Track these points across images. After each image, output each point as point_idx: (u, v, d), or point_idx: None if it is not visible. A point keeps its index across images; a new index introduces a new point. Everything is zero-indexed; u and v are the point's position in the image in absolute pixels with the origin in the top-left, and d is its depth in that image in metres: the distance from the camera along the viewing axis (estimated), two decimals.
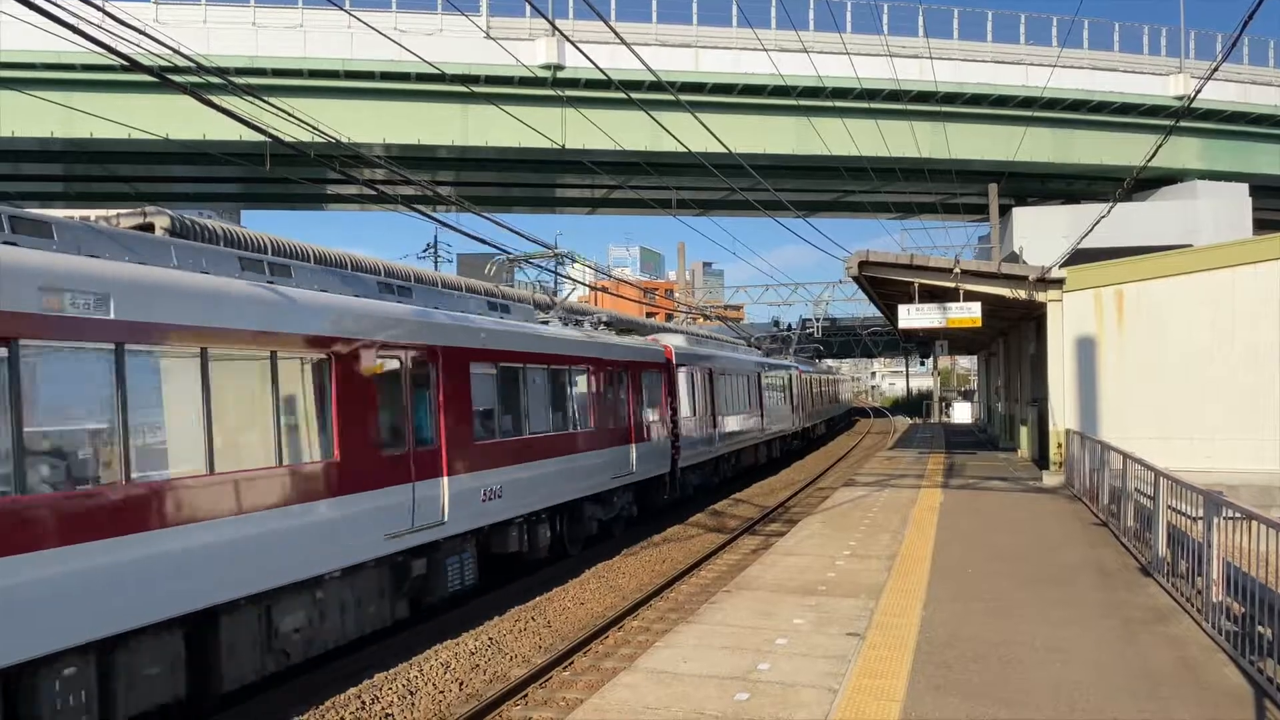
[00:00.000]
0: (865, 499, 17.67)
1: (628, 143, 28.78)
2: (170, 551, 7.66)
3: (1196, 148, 37.70)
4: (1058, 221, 35.40)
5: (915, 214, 46.26)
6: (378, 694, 9.85)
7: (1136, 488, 12.16)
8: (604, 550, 17.67)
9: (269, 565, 8.85)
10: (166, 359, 8.11)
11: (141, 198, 36.44)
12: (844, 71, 31.33)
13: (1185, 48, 37.26)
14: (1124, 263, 20.32)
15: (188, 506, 7.91)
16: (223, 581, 8.27)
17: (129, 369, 7.52)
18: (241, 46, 30.12)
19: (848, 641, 8.10)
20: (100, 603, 7.05)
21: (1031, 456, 25.77)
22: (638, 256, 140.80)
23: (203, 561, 8.00)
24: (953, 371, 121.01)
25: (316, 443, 9.82)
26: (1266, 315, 18.69)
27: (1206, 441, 18.64)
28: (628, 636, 12.30)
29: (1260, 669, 6.99)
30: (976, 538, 13.24)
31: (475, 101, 30.77)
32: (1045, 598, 9.60)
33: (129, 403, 7.48)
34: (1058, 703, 6.54)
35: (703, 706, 6.56)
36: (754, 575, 11.00)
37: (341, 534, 9.88)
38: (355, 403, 10.29)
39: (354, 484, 10.08)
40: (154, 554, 7.51)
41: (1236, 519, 7.95)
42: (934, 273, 21.22)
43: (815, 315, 74.19)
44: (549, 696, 9.97)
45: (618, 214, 56.52)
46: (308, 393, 9.87)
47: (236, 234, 13.54)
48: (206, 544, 8.05)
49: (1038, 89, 34.26)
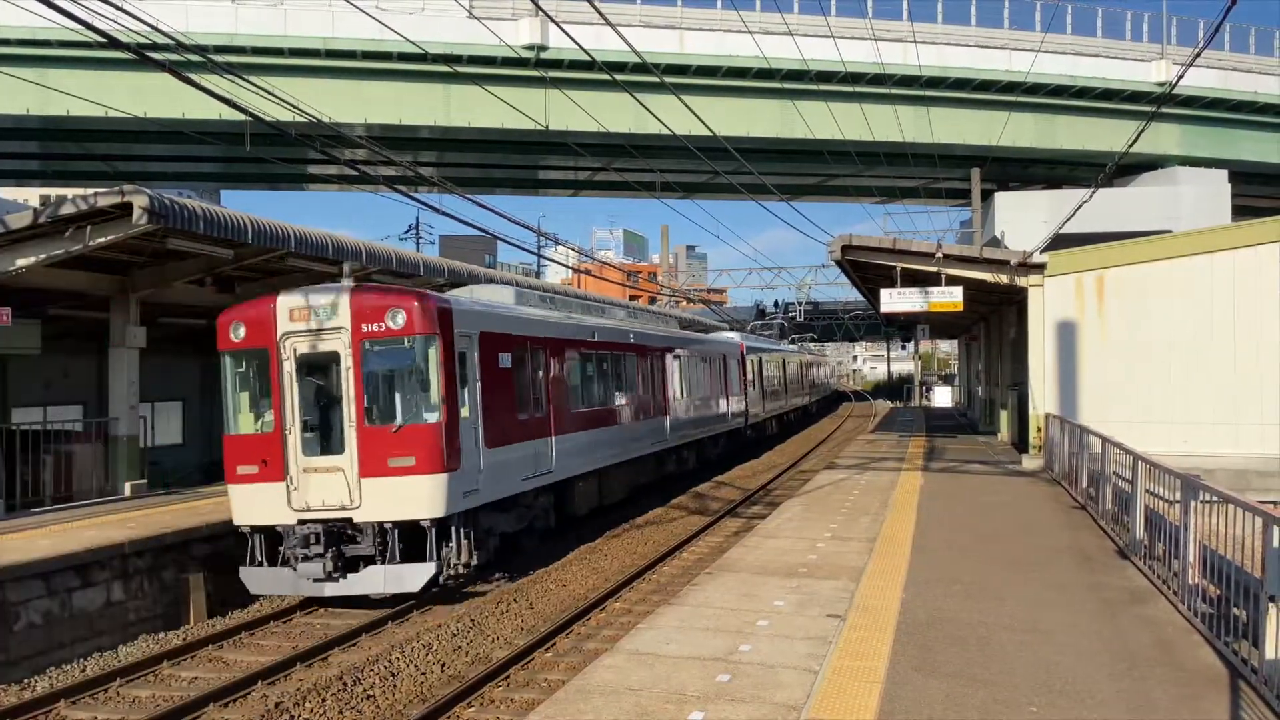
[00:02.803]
0: (846, 482, 17.75)
1: (612, 124, 28.65)
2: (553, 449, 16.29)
3: (1177, 134, 37.88)
4: (1039, 206, 35.49)
5: (898, 198, 46.33)
6: (360, 675, 9.85)
7: (1115, 471, 12.27)
8: (587, 532, 17.72)
9: (609, 454, 19.25)
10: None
11: (120, 176, 36.04)
12: (828, 55, 31.24)
13: (1167, 34, 37.40)
14: (1105, 248, 20.43)
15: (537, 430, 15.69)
16: (564, 466, 16.73)
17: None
18: (221, 24, 29.74)
19: (829, 623, 8.14)
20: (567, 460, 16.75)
21: (1011, 440, 25.94)
22: (621, 239, 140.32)
23: (568, 454, 16.83)
24: (934, 355, 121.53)
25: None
26: (1245, 300, 18.86)
27: (1185, 426, 18.82)
28: (610, 618, 12.34)
29: (1235, 650, 7.08)
30: (957, 521, 13.33)
31: (458, 82, 30.52)
32: (1025, 580, 9.68)
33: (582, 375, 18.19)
34: (1036, 683, 6.61)
35: (684, 687, 6.58)
36: (736, 557, 11.04)
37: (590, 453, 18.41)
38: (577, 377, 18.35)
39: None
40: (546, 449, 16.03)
41: (1213, 502, 8.03)
42: (916, 257, 21.28)
43: (798, 299, 74.34)
44: (531, 678, 9.99)
45: (601, 196, 56.42)
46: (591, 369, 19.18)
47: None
48: (578, 445, 17.49)
49: (1021, 74, 34.31)
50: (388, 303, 12.38)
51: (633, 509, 20.16)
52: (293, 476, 12.26)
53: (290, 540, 12.16)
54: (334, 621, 12.40)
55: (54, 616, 10.79)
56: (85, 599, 11.20)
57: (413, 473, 12.07)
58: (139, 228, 13.41)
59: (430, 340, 12.41)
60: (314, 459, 12.30)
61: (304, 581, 12.03)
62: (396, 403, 12.70)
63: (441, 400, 12.41)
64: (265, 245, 15.65)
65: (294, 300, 12.51)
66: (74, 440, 16.89)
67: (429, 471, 12.11)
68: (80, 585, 11.15)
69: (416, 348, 12.45)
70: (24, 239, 13.90)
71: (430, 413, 12.45)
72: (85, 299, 17.29)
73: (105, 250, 14.66)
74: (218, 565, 13.18)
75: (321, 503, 12.13)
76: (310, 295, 12.54)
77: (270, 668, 10.14)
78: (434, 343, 12.42)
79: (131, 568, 11.85)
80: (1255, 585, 6.78)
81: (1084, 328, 19.72)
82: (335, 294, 12.46)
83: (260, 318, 12.63)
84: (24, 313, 17.08)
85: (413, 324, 12.28)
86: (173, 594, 12.39)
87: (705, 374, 27.57)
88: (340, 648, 11.14)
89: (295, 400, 12.42)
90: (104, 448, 16.79)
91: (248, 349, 12.80)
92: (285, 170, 38.94)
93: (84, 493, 16.30)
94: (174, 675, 10.33)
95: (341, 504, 12.11)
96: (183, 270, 16.76)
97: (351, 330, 12.26)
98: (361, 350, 12.30)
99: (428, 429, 12.32)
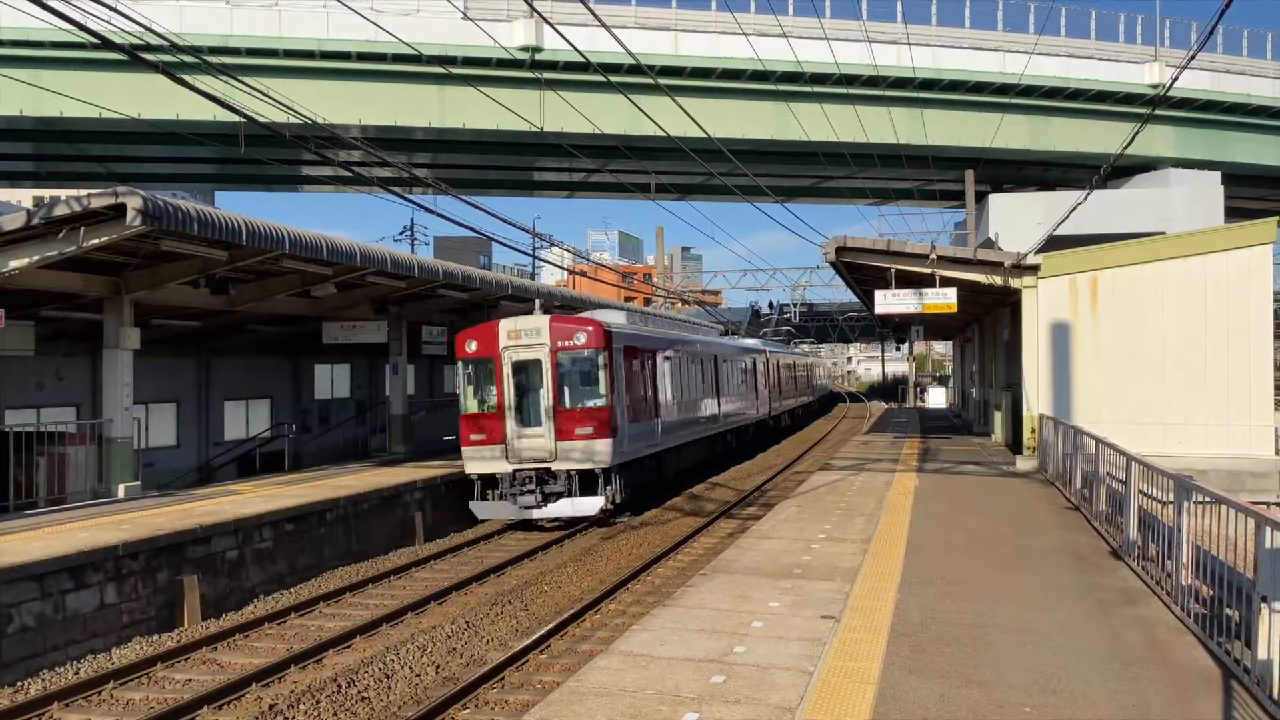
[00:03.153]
0: (841, 483, 17.77)
1: (606, 126, 28.65)
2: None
3: (1171, 136, 37.99)
4: (1033, 208, 35.57)
5: (892, 200, 46.38)
6: (354, 677, 9.85)
7: (1109, 472, 12.29)
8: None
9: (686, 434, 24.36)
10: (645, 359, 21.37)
11: (113, 178, 36.00)
12: (823, 57, 31.30)
13: (1160, 36, 37.50)
14: (1099, 249, 20.48)
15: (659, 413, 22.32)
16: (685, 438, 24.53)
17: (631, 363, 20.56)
18: (215, 25, 29.71)
19: (823, 624, 8.15)
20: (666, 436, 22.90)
21: (1005, 441, 25.99)
22: (616, 241, 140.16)
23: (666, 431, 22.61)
24: (928, 357, 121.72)
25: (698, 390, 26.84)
26: (1237, 302, 18.92)
27: (1178, 427, 18.87)
28: (605, 620, 12.34)
29: (1228, 651, 7.10)
30: (951, 521, 13.35)
31: (452, 83, 30.54)
32: (1019, 580, 9.70)
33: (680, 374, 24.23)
34: (1030, 683, 6.62)
35: (679, 689, 6.59)
36: (731, 559, 11.05)
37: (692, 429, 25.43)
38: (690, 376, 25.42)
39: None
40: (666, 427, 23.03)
41: (1206, 503, 8.05)
42: (910, 259, 21.31)
43: (793, 300, 74.36)
44: (525, 679, 9.99)
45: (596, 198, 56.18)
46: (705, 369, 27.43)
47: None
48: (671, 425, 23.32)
49: (1014, 75, 34.39)
50: (574, 327, 18.95)
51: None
52: (509, 441, 18.67)
53: (508, 483, 18.65)
54: (328, 624, 12.39)
55: (47, 619, 10.76)
56: (79, 601, 11.17)
57: (590, 438, 18.47)
58: (133, 229, 13.37)
59: (600, 351, 18.83)
60: (524, 429, 18.72)
61: (519, 510, 18.53)
62: (579, 392, 18.91)
63: (608, 390, 18.81)
64: (260, 246, 15.62)
65: (510, 325, 19.08)
66: (67, 442, 16.84)
67: (600, 437, 18.49)
68: (74, 587, 11.12)
69: (592, 356, 18.84)
70: (17, 240, 13.86)
71: (600, 399, 18.73)
72: (79, 300, 17.25)
73: (99, 251, 14.62)
74: (212, 567, 13.17)
75: (530, 458, 18.53)
76: (520, 322, 19.18)
77: (264, 670, 10.12)
78: (602, 353, 18.84)
79: (125, 570, 11.82)
80: (1248, 586, 6.80)
81: (1078, 329, 19.77)
82: (538, 321, 19.07)
83: (487, 336, 19.09)
84: (17, 314, 17.06)
85: (590, 341, 18.76)
86: (167, 596, 12.36)
87: (742, 375, 33.92)
88: (335, 649, 11.13)
89: (511, 391, 18.79)
90: (98, 449, 16.74)
91: (479, 358, 19.12)
92: (280, 171, 38.88)
93: (77, 494, 16.26)
94: (168, 677, 10.31)
95: (543, 458, 18.52)
96: (177, 272, 16.72)
97: (550, 345, 18.68)
98: (556, 358, 18.72)
99: (599, 409, 18.65)
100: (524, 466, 18.52)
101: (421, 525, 18.37)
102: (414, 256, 21.36)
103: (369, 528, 16.99)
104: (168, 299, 17.93)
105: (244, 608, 13.26)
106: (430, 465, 21.24)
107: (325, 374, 32.17)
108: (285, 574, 14.67)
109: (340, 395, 33.00)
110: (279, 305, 20.86)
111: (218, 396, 26.87)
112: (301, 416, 30.47)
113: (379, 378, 32.79)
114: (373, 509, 17.17)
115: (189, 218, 13.97)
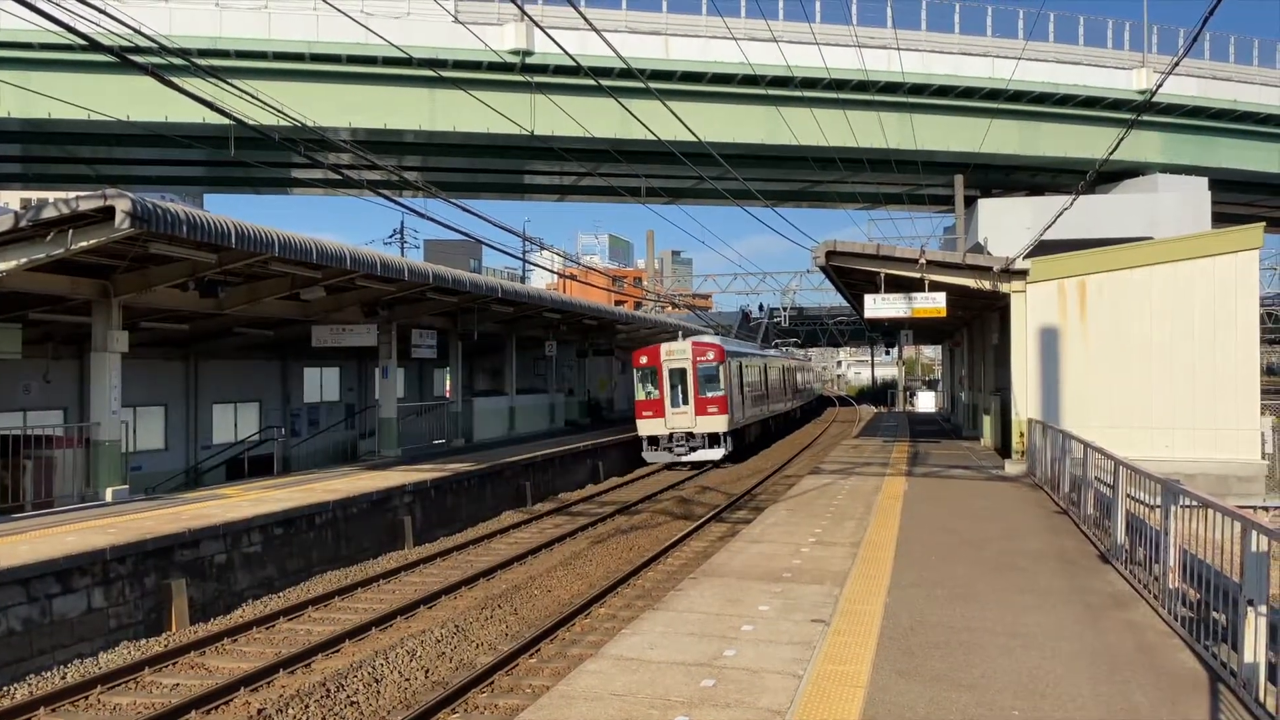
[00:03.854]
0: (831, 486, 17.81)
1: (597, 130, 28.66)
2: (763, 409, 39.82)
3: (1158, 141, 38.17)
4: (1022, 213, 35.68)
5: (882, 204, 46.50)
6: (343, 682, 9.82)
7: (1097, 476, 12.34)
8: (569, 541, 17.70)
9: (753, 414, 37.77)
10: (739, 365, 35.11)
11: (102, 180, 35.82)
12: (813, 61, 31.38)
13: (1148, 42, 37.66)
14: (1087, 254, 20.58)
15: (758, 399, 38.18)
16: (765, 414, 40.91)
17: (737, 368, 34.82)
18: (205, 27, 29.59)
19: (813, 628, 8.16)
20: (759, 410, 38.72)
21: (994, 445, 26.08)
22: (606, 244, 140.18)
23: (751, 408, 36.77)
24: (917, 361, 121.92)
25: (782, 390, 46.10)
26: (1224, 307, 19.03)
27: (1166, 431, 18.97)
28: (595, 624, 12.34)
29: (1215, 654, 7.14)
30: (940, 525, 13.39)
31: (443, 86, 30.48)
32: (1007, 584, 9.74)
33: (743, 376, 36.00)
34: (1018, 686, 6.64)
35: (669, 693, 6.59)
36: (721, 562, 11.05)
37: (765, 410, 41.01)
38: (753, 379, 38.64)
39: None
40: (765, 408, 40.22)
41: (1193, 507, 8.09)
42: (900, 263, 21.38)
43: (783, 304, 74.47)
44: (515, 683, 9.98)
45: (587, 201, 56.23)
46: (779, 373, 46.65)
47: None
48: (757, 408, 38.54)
49: (1003, 81, 34.50)
50: (707, 348, 31.71)
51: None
52: (667, 416, 31.06)
53: (666, 440, 31.16)
54: (316, 628, 12.35)
55: (34, 623, 10.70)
56: (66, 605, 11.11)
57: (716, 415, 31.01)
58: (121, 232, 13.32)
59: (722, 363, 31.31)
60: (675, 408, 31.02)
61: (674, 455, 30.96)
62: (709, 387, 31.11)
63: (726, 386, 31.32)
64: (249, 249, 15.57)
65: (667, 347, 31.54)
66: (55, 445, 16.76)
67: (721, 414, 31.04)
68: (61, 591, 11.06)
69: (717, 365, 31.28)
70: (5, 242, 13.79)
71: (721, 391, 31.11)
72: (66, 303, 17.17)
73: (87, 254, 14.56)
74: (200, 571, 13.12)
75: (679, 426, 30.93)
76: (673, 345, 31.64)
77: (253, 674, 10.08)
78: (723, 364, 31.32)
79: (113, 573, 11.76)
80: (1234, 589, 6.84)
81: (1066, 333, 19.86)
82: (685, 344, 31.57)
83: (653, 353, 31.63)
84: (5, 317, 16.98)
85: (717, 357, 31.34)
86: (155, 600, 12.31)
87: (783, 377, 49.00)
88: (324, 654, 11.09)
89: (667, 387, 31.20)
90: (85, 453, 16.66)
91: (648, 367, 31.55)
92: (269, 174, 38.74)
93: (65, 498, 16.18)
94: (156, 682, 10.26)
95: (688, 427, 30.93)
96: (166, 274, 16.66)
97: (691, 359, 31.25)
98: (696, 367, 31.14)
99: (722, 397, 31.11)
100: (676, 430, 31.09)
101: (411, 529, 18.34)
102: (404, 260, 21.32)
103: (358, 531, 16.94)
104: (156, 302, 17.86)
105: (232, 612, 13.21)
106: (420, 469, 21.19)
107: (314, 377, 32.09)
108: (274, 578, 14.62)
109: (329, 398, 32.92)
110: (268, 308, 20.80)
111: (206, 399, 26.77)
112: (290, 420, 30.38)
113: (368, 381, 32.73)
114: (362, 513, 17.13)
115: (178, 220, 13.93)
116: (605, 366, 47.00)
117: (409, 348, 25.37)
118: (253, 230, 15.43)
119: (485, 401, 32.25)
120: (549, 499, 24.33)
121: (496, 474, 22.48)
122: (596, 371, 46.23)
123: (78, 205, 13.40)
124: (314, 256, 16.92)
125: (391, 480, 19.03)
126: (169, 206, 14.05)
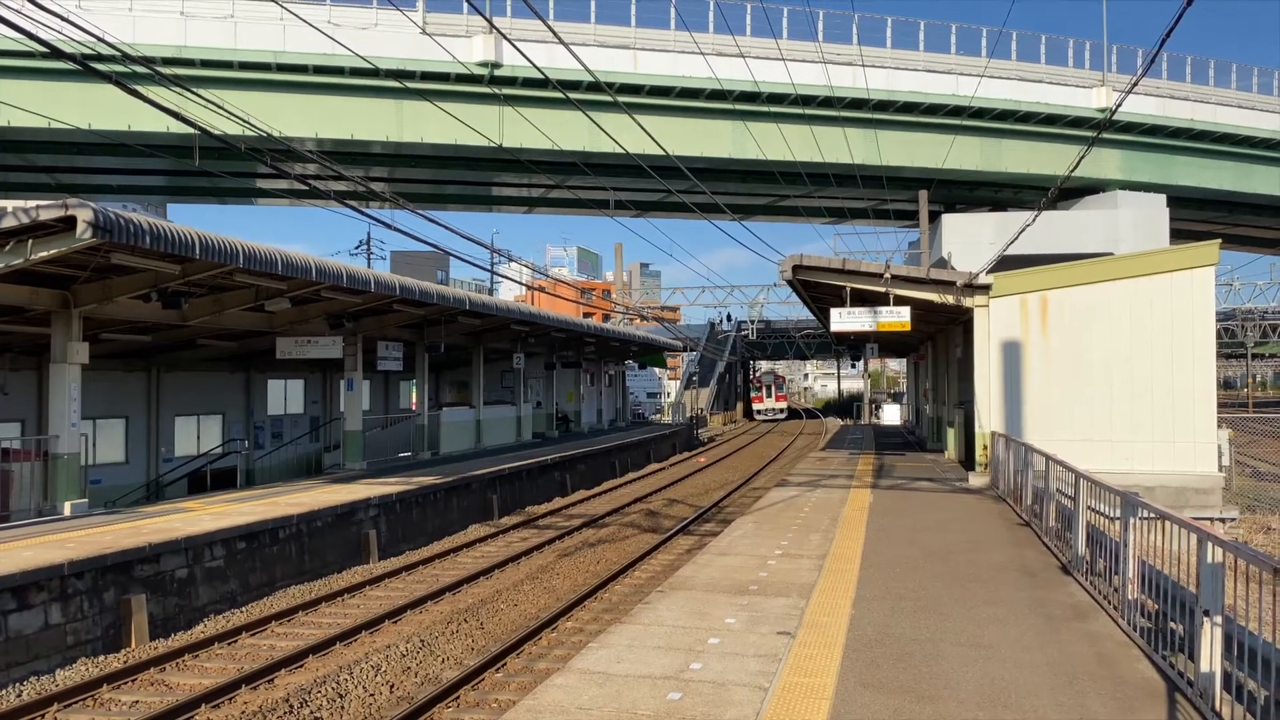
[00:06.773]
0: (797, 499, 17.89)
1: (565, 143, 28.70)
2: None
3: (1118, 159, 38.86)
4: (985, 228, 36.18)
5: (848, 219, 46.90)
6: (306, 698, 9.72)
7: (1058, 488, 12.50)
8: (536, 555, 17.64)
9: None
10: None
11: (63, 189, 35.34)
12: (780, 77, 31.65)
13: (1108, 62, 38.35)
14: (1048, 269, 20.88)
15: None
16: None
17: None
18: (169, 36, 29.32)
19: (779, 640, 8.20)
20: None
21: (958, 458, 26.32)
22: (575, 257, 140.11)
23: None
24: (883, 374, 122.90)
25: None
26: (1181, 321, 19.38)
27: (1126, 444, 19.26)
28: (561, 637, 12.30)
29: (1172, 663, 7.26)
30: (905, 537, 13.50)
31: (410, 98, 30.39)
32: (971, 596, 9.83)
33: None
34: (981, 697, 6.71)
35: (636, 706, 6.59)
36: (688, 575, 11.07)
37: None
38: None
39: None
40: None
41: (1151, 519, 8.23)
42: (865, 277, 21.58)
43: (750, 317, 74.79)
44: (481, 698, 9.93)
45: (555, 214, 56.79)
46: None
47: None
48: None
49: (967, 98, 34.97)
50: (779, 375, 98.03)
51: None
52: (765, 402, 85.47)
53: (766, 415, 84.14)
54: (280, 643, 12.22)
55: None
56: (21, 621, 10.91)
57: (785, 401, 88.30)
58: (83, 242, 13.17)
59: (784, 382, 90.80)
60: (765, 399, 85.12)
61: (769, 419, 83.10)
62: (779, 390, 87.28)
63: (785, 391, 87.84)
64: (213, 261, 15.43)
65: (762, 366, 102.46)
66: (12, 458, 16.48)
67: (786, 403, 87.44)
68: (16, 607, 10.86)
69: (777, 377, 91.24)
70: None
71: (785, 391, 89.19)
72: (26, 314, 16.90)
73: (47, 264, 14.37)
74: (161, 586, 12.94)
75: (769, 407, 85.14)
76: (763, 364, 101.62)
77: (214, 690, 9.95)
78: (783, 382, 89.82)
79: (71, 589, 11.58)
80: (1190, 600, 6.96)
81: (1028, 347, 20.12)
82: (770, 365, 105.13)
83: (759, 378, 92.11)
84: None
85: (778, 377, 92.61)
86: (114, 616, 12.12)
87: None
88: (287, 669, 10.97)
89: (763, 389, 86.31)
90: (43, 466, 16.39)
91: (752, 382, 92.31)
92: (234, 184, 38.35)
93: (22, 512, 15.90)
94: (114, 699, 10.10)
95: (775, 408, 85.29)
96: (128, 285, 16.46)
97: (774, 374, 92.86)
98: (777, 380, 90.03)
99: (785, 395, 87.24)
100: (765, 408, 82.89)
101: (376, 543, 18.20)
102: (370, 271, 21.21)
103: (322, 546, 16.79)
104: (118, 313, 17.64)
105: (194, 627, 13.04)
106: (386, 482, 21.05)
107: (279, 389, 31.78)
108: (237, 593, 14.45)
109: (294, 411, 32.60)
110: (232, 320, 20.61)
111: (168, 412, 26.43)
112: (254, 432, 30.06)
113: (333, 393, 32.47)
114: (326, 526, 16.98)
115: (141, 231, 13.78)
116: (573, 379, 46.93)
117: (375, 360, 25.22)
118: (217, 241, 15.29)
119: (452, 414, 32.11)
120: (516, 512, 24.23)
121: (463, 487, 22.38)
122: (565, 384, 46.17)
123: (38, 215, 13.22)
124: (279, 268, 16.79)
125: (356, 494, 18.88)
126: (132, 217, 13.91)
